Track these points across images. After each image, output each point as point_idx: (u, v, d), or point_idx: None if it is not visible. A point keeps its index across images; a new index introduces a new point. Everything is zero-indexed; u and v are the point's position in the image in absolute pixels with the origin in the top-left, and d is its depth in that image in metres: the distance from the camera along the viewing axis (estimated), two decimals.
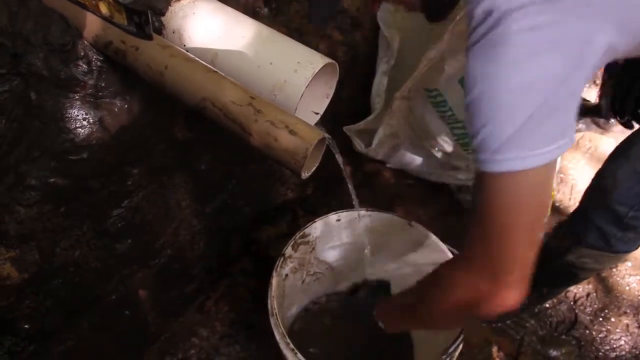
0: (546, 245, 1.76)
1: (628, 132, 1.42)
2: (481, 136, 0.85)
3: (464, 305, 1.00)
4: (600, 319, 1.94)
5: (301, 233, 1.55)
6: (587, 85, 2.69)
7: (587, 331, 1.90)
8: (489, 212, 0.90)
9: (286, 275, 1.56)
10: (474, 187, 0.92)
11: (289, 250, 1.51)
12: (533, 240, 0.92)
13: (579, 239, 1.56)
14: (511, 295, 0.94)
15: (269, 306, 1.35)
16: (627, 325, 1.92)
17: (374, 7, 1.15)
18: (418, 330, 1.25)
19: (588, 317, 1.94)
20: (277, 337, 1.29)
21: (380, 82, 2.01)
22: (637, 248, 1.55)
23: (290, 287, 1.64)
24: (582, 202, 1.59)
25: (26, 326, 1.24)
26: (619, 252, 1.55)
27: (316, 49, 1.60)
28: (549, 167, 0.86)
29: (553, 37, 0.79)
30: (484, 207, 0.90)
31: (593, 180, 1.54)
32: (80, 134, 1.15)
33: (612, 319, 1.94)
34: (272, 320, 1.32)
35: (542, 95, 0.81)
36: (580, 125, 2.50)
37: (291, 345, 1.26)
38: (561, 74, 0.81)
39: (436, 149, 2.03)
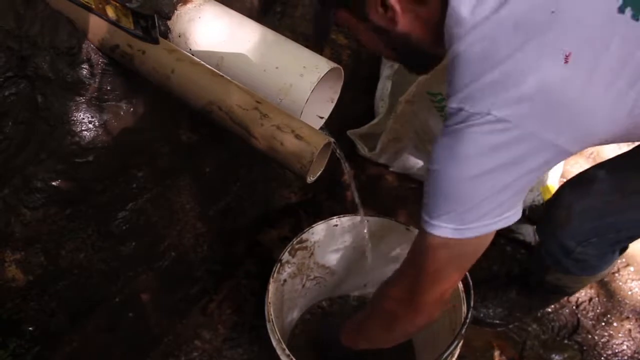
0: (532, 263, 1.76)
1: None
2: (428, 201, 0.97)
3: (390, 316, 1.18)
4: (603, 324, 1.93)
5: (298, 239, 1.55)
6: None
7: (590, 336, 1.90)
8: (418, 259, 1.05)
9: (284, 280, 1.56)
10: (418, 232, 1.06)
11: (285, 256, 1.51)
12: (445, 291, 1.09)
13: (547, 262, 1.57)
14: (418, 320, 1.13)
15: (266, 312, 1.35)
16: (630, 330, 1.91)
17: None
18: (372, 346, 1.35)
19: (590, 322, 1.94)
20: (274, 343, 1.30)
21: (384, 86, 2.01)
22: (602, 270, 1.55)
23: (290, 292, 1.64)
24: (539, 225, 1.59)
25: (31, 328, 1.25)
26: (580, 275, 1.54)
27: (321, 53, 1.61)
28: (481, 239, 0.98)
29: (505, 146, 0.88)
30: (416, 253, 1.06)
31: (548, 204, 1.53)
32: (86, 136, 1.15)
33: (615, 324, 1.93)
34: (268, 326, 1.33)
35: (487, 188, 0.92)
36: None
37: (287, 352, 1.26)
38: (507, 177, 0.91)
39: None
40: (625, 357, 1.85)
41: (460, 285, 1.43)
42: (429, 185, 0.97)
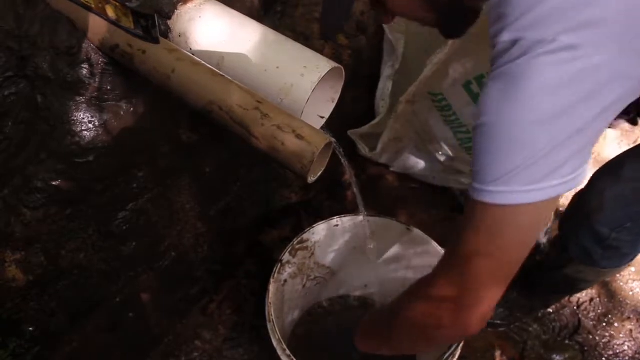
0: (547, 256, 1.76)
1: (632, 129, 1.40)
2: (481, 164, 0.82)
3: (427, 319, 0.99)
4: (604, 324, 1.93)
5: (299, 239, 1.55)
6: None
7: (591, 336, 1.90)
8: (472, 240, 0.87)
9: (285, 280, 1.56)
10: (465, 209, 0.89)
11: (286, 257, 1.51)
12: (505, 278, 0.90)
13: (570, 256, 1.56)
14: (469, 327, 0.93)
15: (266, 313, 1.35)
16: (631, 331, 1.91)
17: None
18: (397, 353, 1.21)
19: (591, 322, 1.94)
20: (274, 343, 1.30)
21: (384, 86, 2.01)
22: (624, 264, 1.54)
23: (290, 292, 1.64)
24: (567, 215, 1.58)
25: (31, 328, 1.25)
26: (606, 268, 1.54)
27: (321, 52, 1.60)
28: (545, 204, 0.81)
29: (578, 77, 0.75)
30: (469, 233, 0.88)
31: (578, 195, 1.52)
32: (86, 136, 1.15)
33: (616, 324, 1.93)
34: (269, 327, 1.33)
35: (553, 134, 0.77)
36: None
37: (287, 352, 1.26)
38: (579, 118, 0.77)
39: (440, 153, 2.03)
40: (627, 358, 1.85)
41: None
42: (479, 145, 0.82)
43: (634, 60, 0.76)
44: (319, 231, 1.60)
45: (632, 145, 1.34)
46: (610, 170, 1.42)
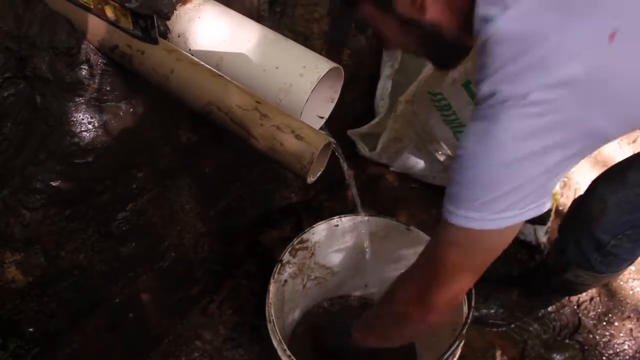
0: (547, 258, 1.76)
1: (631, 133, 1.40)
2: (453, 189, 0.94)
3: (402, 315, 1.16)
4: (604, 323, 1.93)
5: (299, 239, 1.55)
6: None
7: (591, 335, 1.90)
8: (437, 254, 1.01)
9: (285, 280, 1.56)
10: (440, 224, 1.00)
11: (286, 257, 1.51)
12: (472, 273, 1.03)
13: (569, 260, 1.55)
14: (430, 319, 1.09)
15: (267, 313, 1.35)
16: (631, 330, 1.91)
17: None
18: (382, 345, 1.33)
19: (591, 322, 1.93)
20: (275, 343, 1.30)
21: (384, 86, 2.01)
22: (622, 269, 1.54)
23: (290, 292, 1.64)
24: (566, 219, 1.58)
25: (31, 329, 1.25)
26: (604, 273, 1.54)
27: (320, 52, 1.60)
28: (509, 228, 0.93)
29: (545, 130, 0.84)
30: (435, 247, 1.02)
31: (578, 201, 1.52)
32: (86, 137, 1.15)
33: (616, 323, 1.93)
34: (269, 327, 1.32)
35: (517, 174, 0.88)
36: None
37: (288, 352, 1.26)
38: (543, 164, 0.87)
39: (440, 152, 2.02)
40: (627, 357, 1.85)
41: None
42: (455, 173, 0.93)
43: (605, 121, 0.85)
44: (319, 231, 1.60)
45: (631, 145, 1.33)
46: (613, 175, 1.42)
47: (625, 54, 0.81)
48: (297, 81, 1.11)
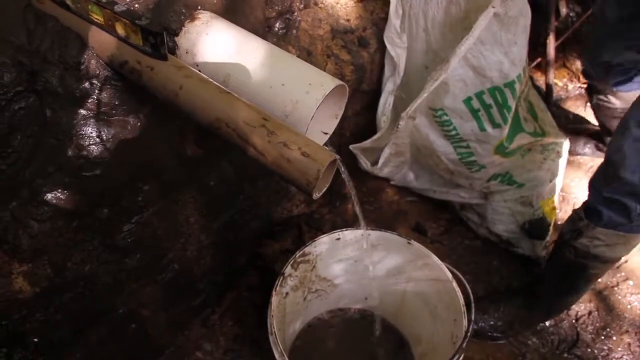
0: (559, 236, 1.76)
1: None
2: None
3: None
4: (602, 338, 1.95)
5: (301, 252, 1.56)
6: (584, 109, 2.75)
7: (589, 349, 1.91)
8: None
9: (287, 293, 1.58)
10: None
11: (288, 270, 1.52)
12: None
13: (593, 219, 1.58)
14: None
15: (269, 325, 1.36)
16: (629, 344, 1.93)
17: None
18: None
19: (590, 336, 1.95)
20: (277, 355, 1.31)
21: (386, 101, 2.03)
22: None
23: (291, 304, 1.65)
24: (592, 185, 1.61)
25: (35, 339, 1.26)
26: (634, 231, 1.55)
27: (324, 69, 1.62)
28: None
29: None
30: None
31: (601, 164, 1.58)
32: (93, 150, 1.17)
33: (614, 338, 1.95)
34: (271, 339, 1.34)
35: None
36: (586, 150, 2.53)
37: None
38: None
39: (440, 167, 2.04)
40: None
41: (461, 299, 1.44)
42: None
43: None
44: (321, 244, 1.61)
45: None
46: (620, 126, 1.50)
47: None
48: (302, 98, 1.13)
